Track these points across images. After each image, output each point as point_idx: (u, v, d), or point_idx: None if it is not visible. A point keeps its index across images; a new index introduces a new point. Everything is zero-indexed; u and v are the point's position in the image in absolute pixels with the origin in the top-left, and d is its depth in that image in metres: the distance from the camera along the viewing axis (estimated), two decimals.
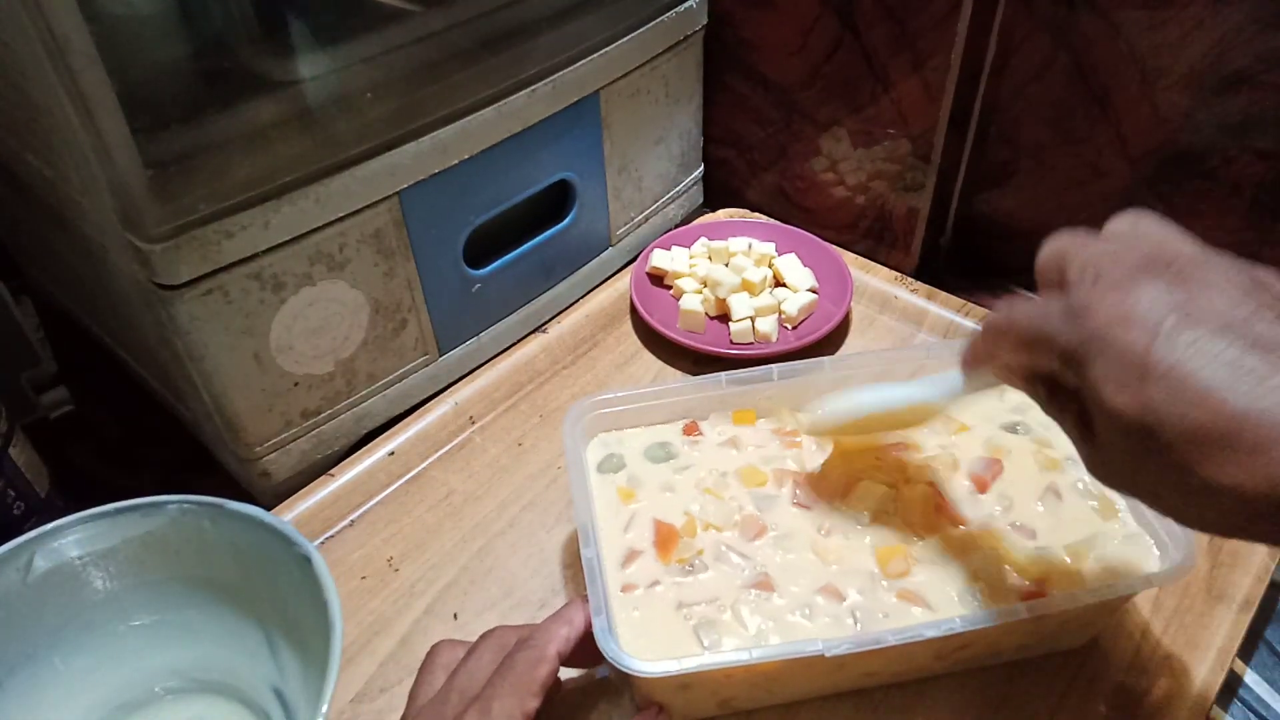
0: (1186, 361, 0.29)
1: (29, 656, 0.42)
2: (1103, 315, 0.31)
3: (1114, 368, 0.31)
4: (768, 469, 0.50)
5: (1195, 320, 0.30)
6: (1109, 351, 0.31)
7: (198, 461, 0.63)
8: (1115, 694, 0.45)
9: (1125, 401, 0.30)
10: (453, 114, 0.55)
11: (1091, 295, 0.32)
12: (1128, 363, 0.30)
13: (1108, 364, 0.31)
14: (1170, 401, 0.29)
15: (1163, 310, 0.30)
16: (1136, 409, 0.30)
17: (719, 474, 0.50)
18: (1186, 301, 0.30)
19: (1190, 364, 0.29)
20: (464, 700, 0.39)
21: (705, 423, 0.53)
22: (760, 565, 0.45)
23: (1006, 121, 0.67)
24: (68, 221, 0.53)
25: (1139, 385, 0.30)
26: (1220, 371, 0.29)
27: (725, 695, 0.44)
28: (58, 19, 0.39)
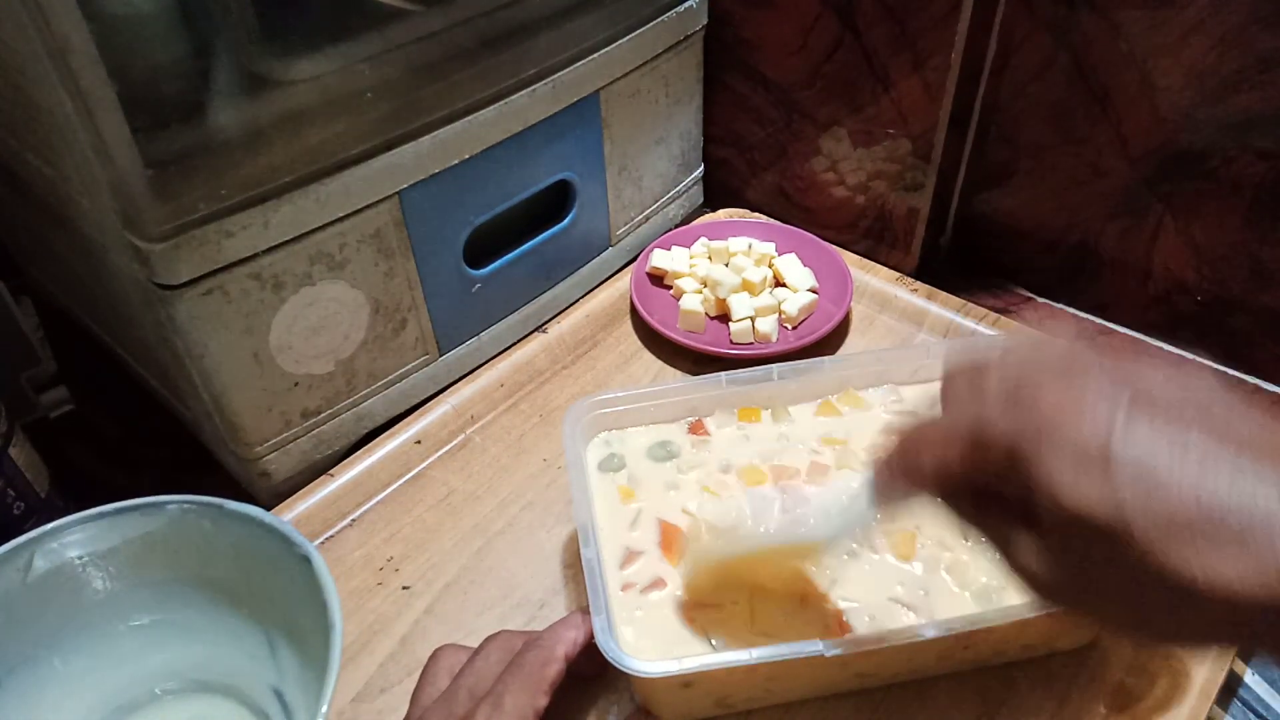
0: (1153, 453, 0.27)
1: (29, 656, 0.42)
2: (1050, 405, 0.29)
3: (1070, 462, 0.28)
4: (767, 466, 0.50)
5: (1148, 410, 0.28)
6: (1063, 444, 0.28)
7: (198, 461, 0.63)
8: (1115, 694, 0.45)
9: (1089, 499, 0.27)
10: (453, 114, 0.55)
11: (1033, 388, 0.30)
12: (1090, 459, 0.28)
13: (1062, 458, 0.28)
14: (1141, 496, 0.27)
15: (1113, 399, 0.28)
16: (1103, 506, 0.27)
17: (720, 472, 0.50)
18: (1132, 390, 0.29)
19: (1158, 455, 0.27)
20: (473, 698, 0.39)
21: (710, 419, 0.53)
22: None
23: (1006, 121, 0.67)
24: (68, 221, 0.53)
25: (1105, 483, 0.27)
26: (1190, 461, 0.27)
27: (725, 695, 0.44)
28: (58, 19, 0.39)
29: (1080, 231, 0.68)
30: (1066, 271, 0.70)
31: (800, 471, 0.50)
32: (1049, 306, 0.72)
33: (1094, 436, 0.28)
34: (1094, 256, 0.68)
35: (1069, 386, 0.29)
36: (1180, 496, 0.27)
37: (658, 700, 0.44)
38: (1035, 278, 0.73)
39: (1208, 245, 0.62)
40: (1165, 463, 0.27)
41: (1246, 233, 0.60)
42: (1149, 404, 0.28)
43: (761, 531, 0.45)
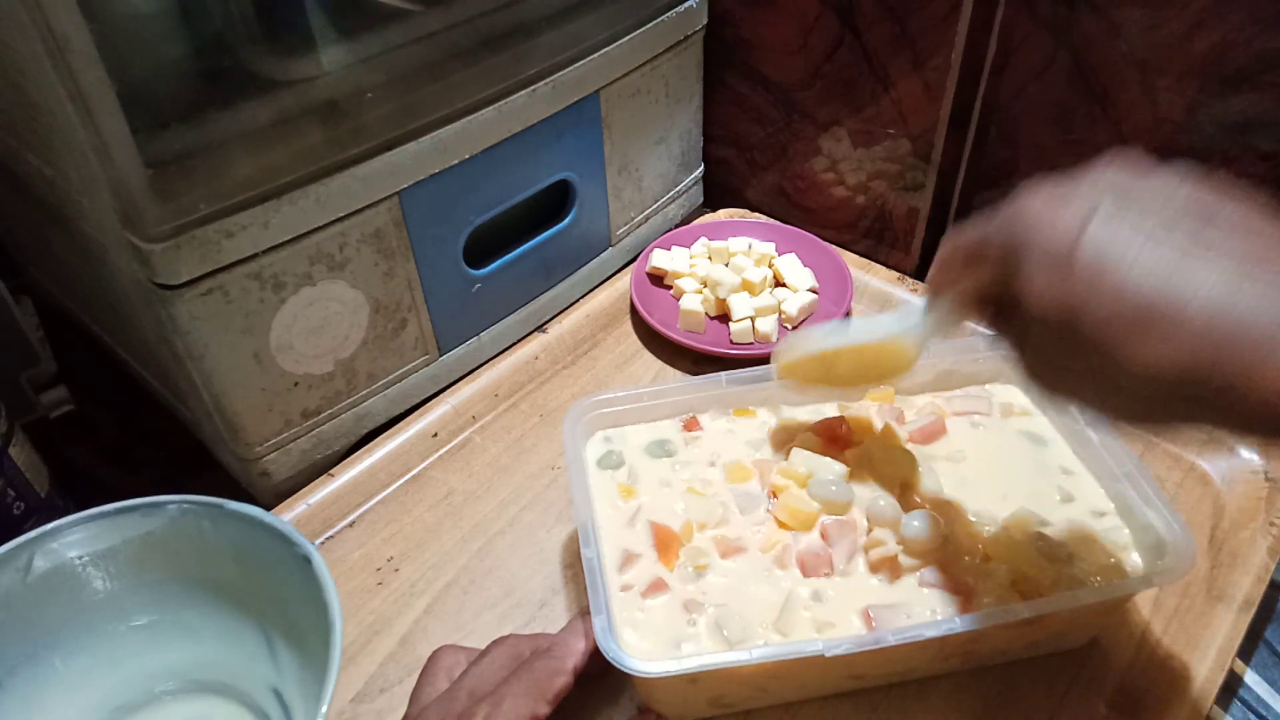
0: (1106, 253, 0.31)
1: (29, 657, 0.42)
2: (1033, 215, 0.33)
3: (1041, 265, 0.32)
4: (751, 462, 0.50)
5: (1117, 218, 0.31)
6: (1037, 248, 0.32)
7: (198, 461, 0.63)
8: (1115, 694, 0.45)
9: (1051, 294, 0.32)
10: (453, 114, 0.55)
11: (1025, 201, 0.34)
12: (1053, 259, 0.32)
13: (1036, 260, 0.32)
14: (1090, 291, 0.31)
15: (1089, 209, 0.32)
16: (1060, 300, 0.31)
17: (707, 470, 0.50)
18: (1113, 204, 0.32)
19: (1109, 255, 0.31)
20: (474, 699, 0.39)
21: (705, 416, 0.53)
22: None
23: (1006, 121, 0.67)
24: (67, 221, 0.53)
25: (1063, 278, 0.31)
26: (1135, 262, 0.30)
27: (726, 695, 0.44)
28: (58, 18, 0.39)
29: None
30: None
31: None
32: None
33: (1065, 238, 0.32)
34: None
35: (1054, 196, 0.33)
36: (1127, 289, 0.30)
37: (659, 700, 0.44)
38: None
39: None
40: (1121, 258, 0.31)
41: None
42: (1127, 207, 0.32)
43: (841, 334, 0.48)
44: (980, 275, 0.37)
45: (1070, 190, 0.33)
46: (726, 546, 0.46)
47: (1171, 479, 0.55)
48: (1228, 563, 0.50)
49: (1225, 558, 0.51)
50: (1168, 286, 0.30)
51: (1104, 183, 0.33)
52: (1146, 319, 0.30)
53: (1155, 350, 0.30)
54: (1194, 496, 0.54)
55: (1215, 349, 0.29)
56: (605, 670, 0.40)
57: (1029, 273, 0.32)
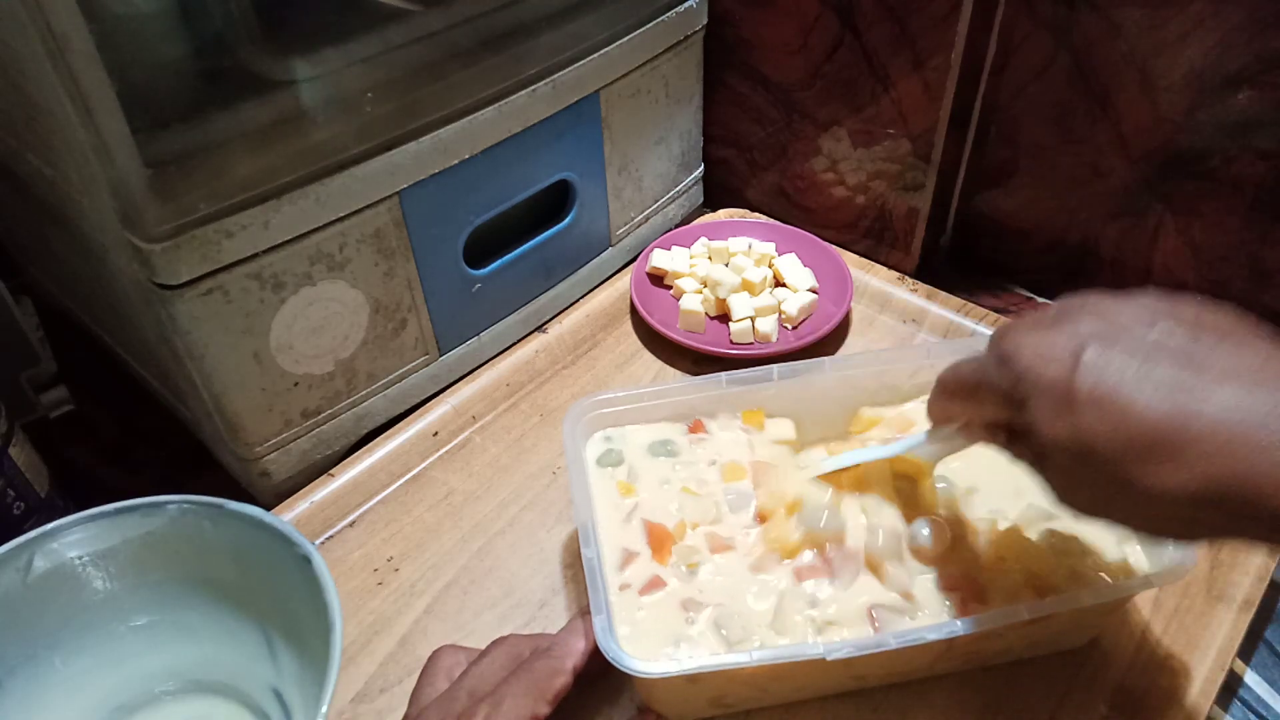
0: (1105, 383, 0.31)
1: (29, 657, 0.42)
2: (1027, 356, 0.34)
3: (1045, 402, 0.33)
4: (748, 462, 0.50)
5: (1109, 345, 0.32)
6: (1038, 388, 0.33)
7: (198, 461, 0.63)
8: (1115, 694, 0.45)
9: (1060, 431, 0.32)
10: (453, 114, 0.55)
11: (1016, 340, 0.35)
12: (1056, 394, 0.32)
13: (1039, 399, 0.33)
14: (1098, 422, 0.31)
15: (1079, 341, 0.33)
16: (1071, 435, 0.32)
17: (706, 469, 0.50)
18: (1100, 331, 0.33)
19: (1109, 385, 0.31)
20: (473, 699, 0.39)
21: (714, 422, 0.53)
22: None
23: (1006, 121, 0.67)
24: (67, 221, 0.53)
25: (1069, 413, 0.32)
26: (1136, 387, 0.31)
27: (726, 695, 0.44)
28: (58, 18, 0.39)
29: (1080, 231, 0.68)
30: (1066, 271, 0.70)
31: (776, 468, 0.50)
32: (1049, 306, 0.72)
33: (1061, 372, 0.32)
34: (1094, 256, 0.68)
35: (1042, 330, 0.34)
36: (1132, 415, 0.31)
37: (659, 700, 0.44)
38: (1035, 278, 0.73)
39: (1208, 245, 0.62)
40: (1121, 384, 0.31)
41: (1246, 233, 0.60)
42: (1112, 338, 0.32)
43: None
44: (984, 411, 0.38)
45: (1056, 321, 0.34)
46: (717, 543, 0.46)
47: None
48: (1228, 563, 0.50)
49: (1225, 558, 0.51)
50: (1173, 407, 0.30)
51: (1086, 309, 0.34)
52: (1157, 443, 0.30)
53: (1172, 473, 0.30)
54: None
55: (1231, 464, 0.29)
56: (605, 670, 0.40)
57: (1034, 411, 0.33)
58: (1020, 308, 0.72)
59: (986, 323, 0.66)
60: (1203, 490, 0.30)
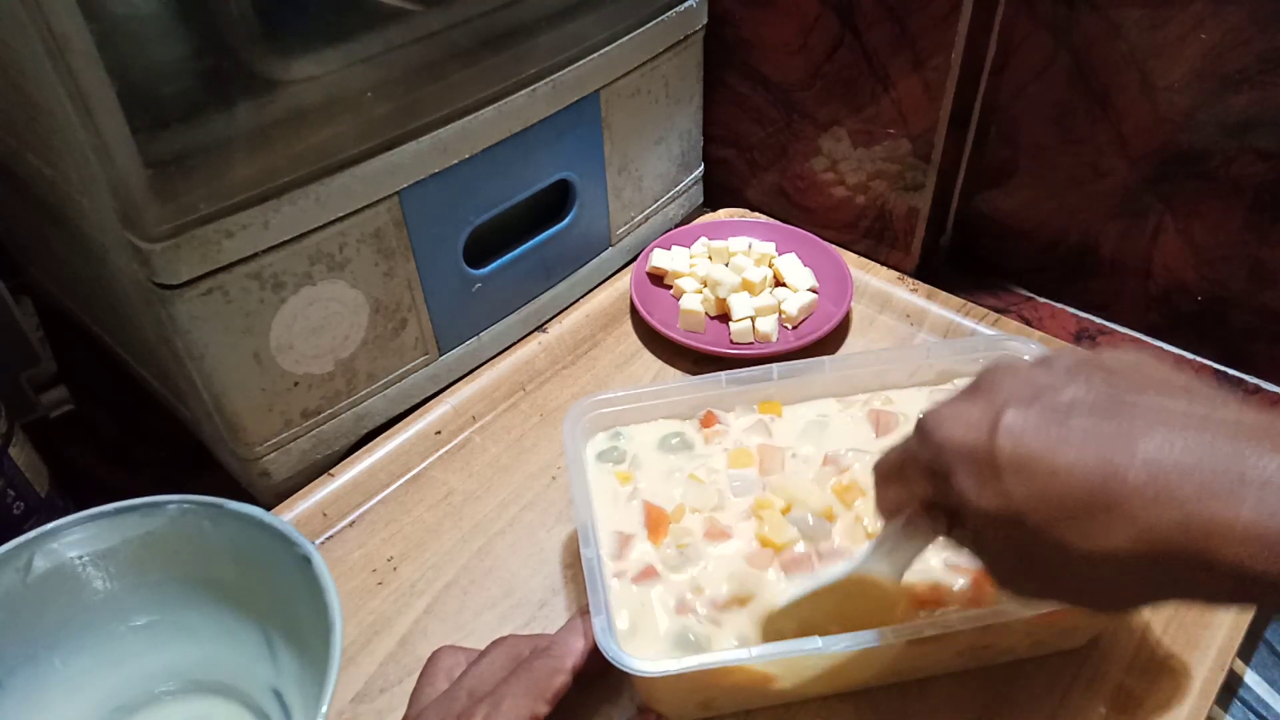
0: (1025, 444, 0.30)
1: (29, 657, 0.42)
2: (946, 426, 0.33)
3: (968, 471, 0.31)
4: (755, 448, 0.50)
5: (1026, 405, 0.31)
6: (959, 457, 0.32)
7: (198, 461, 0.63)
8: (1115, 694, 0.45)
9: (987, 502, 0.31)
10: (453, 114, 0.55)
11: (937, 415, 0.33)
12: (977, 463, 0.31)
13: (962, 471, 0.32)
14: (1023, 486, 0.30)
15: (996, 406, 0.31)
16: (999, 505, 0.30)
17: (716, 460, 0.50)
18: (1017, 393, 0.31)
19: (1030, 445, 0.30)
20: (473, 699, 0.39)
21: (729, 414, 0.53)
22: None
23: (1006, 121, 0.67)
24: (67, 221, 0.53)
25: (993, 480, 0.31)
26: (1059, 443, 0.29)
27: (726, 694, 0.44)
28: (58, 18, 0.39)
29: (1080, 231, 0.68)
30: (1066, 271, 0.70)
31: (783, 454, 0.50)
32: (1049, 306, 0.72)
33: (979, 438, 0.31)
34: (1094, 256, 0.68)
35: (960, 406, 0.33)
36: (1059, 475, 0.29)
37: (659, 699, 0.44)
38: (1035, 278, 0.73)
39: (1208, 245, 0.62)
40: (1044, 443, 0.30)
41: (1246, 233, 0.60)
42: (1029, 398, 0.31)
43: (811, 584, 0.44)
44: (914, 491, 0.36)
45: (973, 392, 0.33)
46: (714, 529, 0.47)
47: None
48: None
49: None
50: (1100, 459, 0.29)
51: (1003, 375, 0.33)
52: (1089, 500, 0.29)
53: (1108, 532, 0.28)
54: None
55: (1172, 513, 0.27)
56: (605, 670, 0.40)
57: (959, 485, 0.32)
58: (1020, 308, 0.72)
59: (986, 323, 0.66)
60: (1146, 546, 0.28)
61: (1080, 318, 0.71)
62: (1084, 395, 0.31)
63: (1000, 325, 0.66)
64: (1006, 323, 0.66)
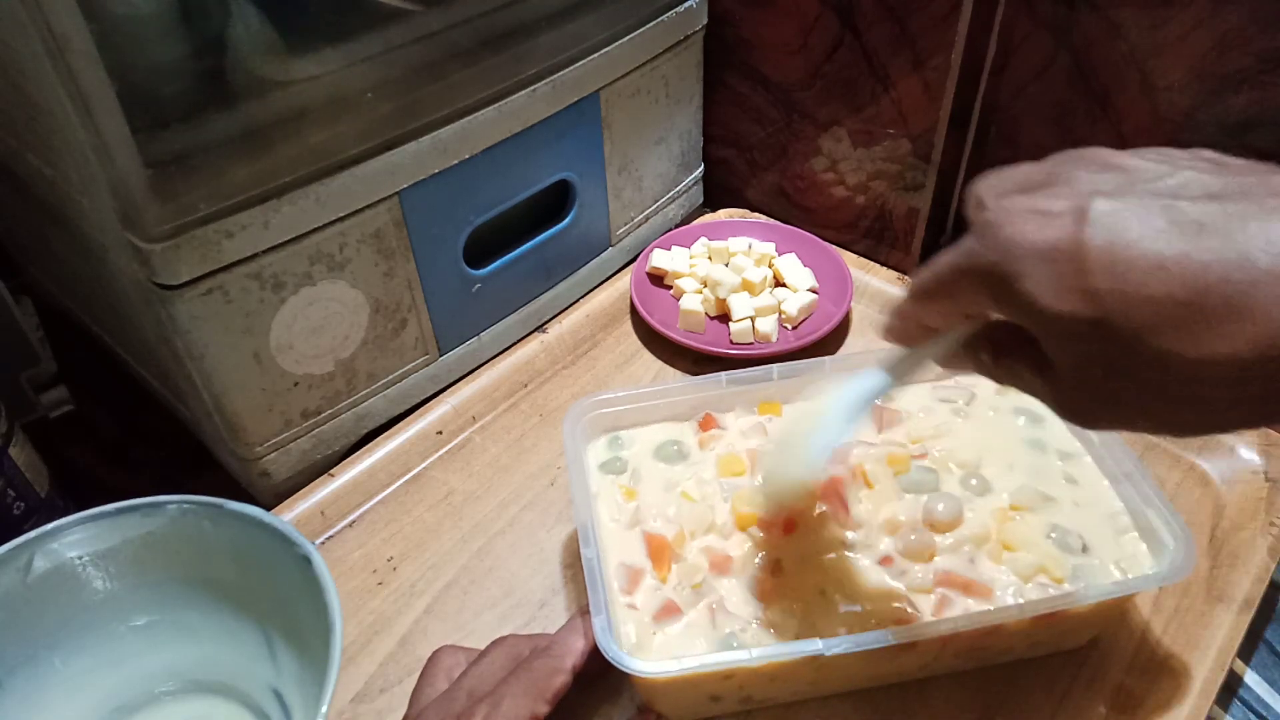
0: (1124, 234, 0.25)
1: (29, 657, 0.42)
2: (1015, 220, 0.27)
3: (1045, 271, 0.26)
4: (745, 453, 0.50)
5: (1121, 191, 0.26)
6: (1034, 255, 0.26)
7: (198, 461, 0.63)
8: (1115, 694, 0.45)
9: (1071, 304, 0.26)
10: (453, 114, 0.55)
11: (1001, 203, 0.28)
12: (1059, 259, 0.26)
13: (1037, 270, 0.26)
14: (1121, 284, 0.25)
15: (1081, 193, 0.26)
16: (1086, 307, 0.26)
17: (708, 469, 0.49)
18: (1107, 182, 0.27)
19: (1129, 235, 0.25)
20: (473, 699, 0.39)
21: (728, 415, 0.53)
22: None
23: (1006, 121, 0.67)
24: (67, 221, 0.53)
25: (1079, 279, 0.26)
26: (1165, 237, 0.25)
27: (727, 694, 0.44)
28: (58, 18, 0.39)
29: None
30: None
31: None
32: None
33: (1064, 232, 0.26)
34: None
35: (1034, 195, 0.28)
36: (1163, 273, 0.25)
37: (659, 700, 0.44)
38: None
39: None
40: (1144, 236, 0.25)
41: None
42: (1123, 188, 0.27)
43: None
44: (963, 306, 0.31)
45: (1049, 179, 0.28)
46: (716, 559, 0.46)
47: (1171, 479, 0.55)
48: (1228, 563, 0.50)
49: (1225, 558, 0.51)
50: (1216, 255, 0.24)
51: (1084, 161, 0.28)
52: (1208, 301, 0.24)
53: (1232, 336, 0.24)
54: (1194, 496, 0.54)
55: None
56: (605, 670, 0.40)
57: (1034, 285, 0.26)
58: None
59: None
60: (1266, 350, 0.24)
61: None
62: (1188, 185, 0.26)
63: None
64: None
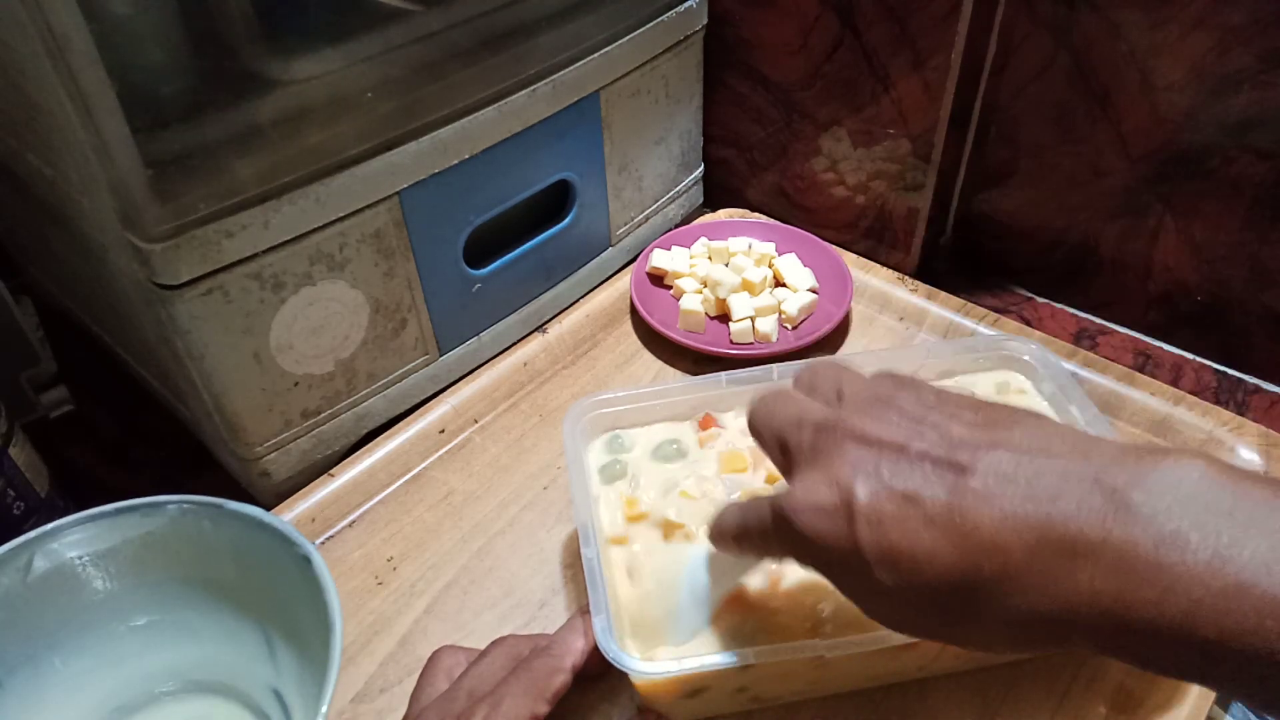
0: (887, 536, 0.30)
1: (29, 657, 0.42)
2: (801, 516, 0.32)
3: (840, 569, 0.32)
4: (748, 450, 0.49)
5: (870, 475, 0.31)
6: (826, 557, 0.32)
7: (198, 461, 0.63)
8: (1115, 694, 0.45)
9: (864, 595, 0.31)
10: (453, 114, 0.55)
11: (788, 500, 0.32)
12: (846, 562, 0.31)
13: (834, 568, 0.32)
14: (897, 578, 0.30)
15: (841, 482, 0.31)
16: (878, 596, 0.31)
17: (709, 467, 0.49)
18: (857, 462, 0.31)
19: (890, 537, 0.30)
20: (472, 699, 0.39)
21: (728, 414, 0.52)
22: None
23: (1006, 121, 0.67)
24: (67, 221, 0.53)
25: (867, 576, 0.30)
26: (918, 530, 0.29)
27: (727, 694, 0.44)
28: (58, 18, 0.39)
29: (1080, 231, 0.68)
30: (1066, 271, 0.70)
31: None
32: (1049, 306, 0.72)
33: (840, 541, 0.31)
34: (1094, 256, 0.68)
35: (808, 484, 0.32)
36: (930, 567, 0.29)
37: (659, 700, 0.44)
38: (1035, 278, 0.73)
39: (1208, 245, 0.62)
40: (903, 541, 0.29)
41: (1246, 233, 0.60)
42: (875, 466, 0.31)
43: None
44: (774, 555, 0.37)
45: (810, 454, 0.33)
46: None
47: None
48: None
49: None
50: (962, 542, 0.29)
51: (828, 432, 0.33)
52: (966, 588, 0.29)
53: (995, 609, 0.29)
54: None
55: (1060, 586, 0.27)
56: (605, 670, 0.40)
57: (834, 579, 0.32)
58: (1020, 308, 0.72)
59: (986, 323, 0.66)
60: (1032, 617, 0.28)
61: (1080, 318, 0.71)
62: (928, 446, 0.30)
63: (1000, 325, 0.66)
64: (1006, 323, 0.66)
